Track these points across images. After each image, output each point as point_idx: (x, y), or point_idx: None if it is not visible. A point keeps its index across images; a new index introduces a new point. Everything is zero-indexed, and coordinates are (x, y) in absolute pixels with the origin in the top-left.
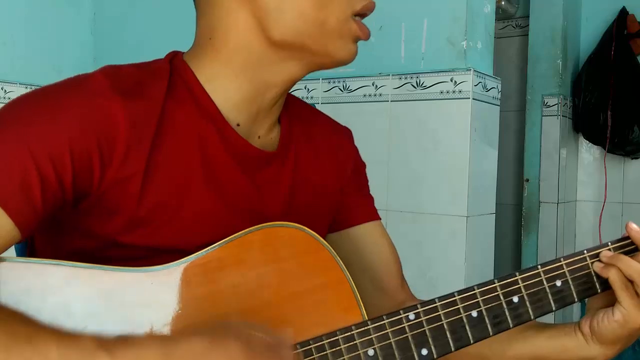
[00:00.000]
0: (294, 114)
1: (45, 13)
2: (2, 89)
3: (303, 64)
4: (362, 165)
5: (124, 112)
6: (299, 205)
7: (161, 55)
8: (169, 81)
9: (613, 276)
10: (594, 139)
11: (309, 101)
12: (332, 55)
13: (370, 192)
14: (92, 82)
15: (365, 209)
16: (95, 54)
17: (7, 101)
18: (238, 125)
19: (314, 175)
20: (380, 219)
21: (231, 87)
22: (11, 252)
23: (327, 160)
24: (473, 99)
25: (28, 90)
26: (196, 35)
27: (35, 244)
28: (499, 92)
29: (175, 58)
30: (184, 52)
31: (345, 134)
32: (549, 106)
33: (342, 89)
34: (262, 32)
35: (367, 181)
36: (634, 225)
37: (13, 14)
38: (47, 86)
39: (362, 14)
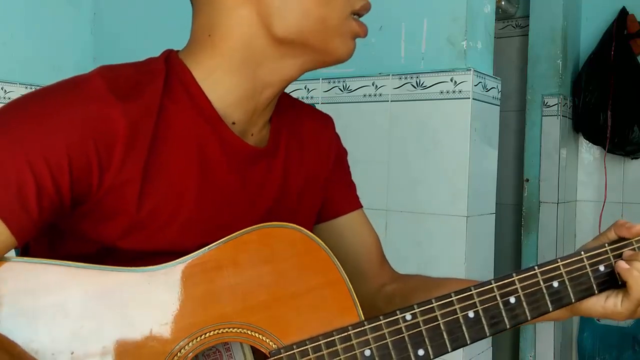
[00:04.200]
0: (281, 107)
1: (45, 13)
2: (2, 89)
3: (302, 61)
4: (344, 153)
5: (122, 116)
6: (291, 198)
7: None
8: (165, 81)
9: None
10: (594, 139)
11: (308, 101)
12: (332, 52)
13: (352, 180)
14: (89, 86)
15: (347, 199)
16: (95, 54)
17: (7, 101)
18: (233, 123)
19: (302, 168)
20: (362, 206)
21: (229, 84)
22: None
23: (312, 151)
24: (473, 99)
25: (28, 90)
26: (192, 32)
27: (30, 247)
28: (499, 92)
29: (170, 56)
30: (178, 50)
31: (326, 121)
32: (549, 106)
33: (342, 89)
34: (265, 29)
35: (348, 168)
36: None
37: (13, 14)
38: (43, 89)
39: (359, 14)
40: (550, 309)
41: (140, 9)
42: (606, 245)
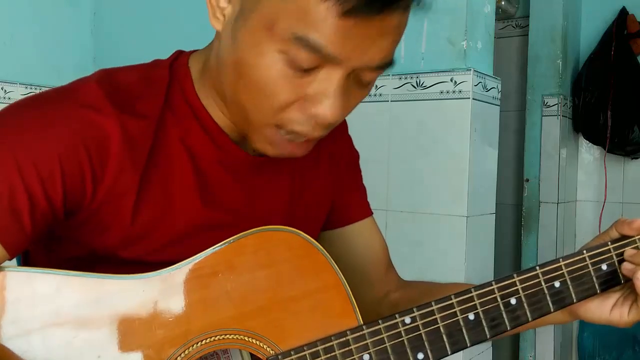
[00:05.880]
0: None
1: (45, 13)
2: (2, 89)
3: None
4: (356, 157)
5: (117, 126)
6: (299, 207)
7: (160, 56)
8: (167, 90)
9: None
10: (594, 139)
11: None
12: (251, 140)
13: (364, 183)
14: (84, 93)
15: (358, 207)
16: (95, 54)
17: (7, 101)
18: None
19: (310, 174)
20: (372, 213)
21: (218, 107)
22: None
23: (322, 155)
24: (473, 99)
25: (28, 90)
26: None
27: (29, 251)
28: (499, 92)
29: (177, 61)
30: (191, 52)
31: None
32: (549, 106)
33: None
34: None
35: (360, 173)
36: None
37: (13, 14)
38: (39, 95)
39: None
40: (552, 310)
41: (141, 9)
42: (609, 243)
